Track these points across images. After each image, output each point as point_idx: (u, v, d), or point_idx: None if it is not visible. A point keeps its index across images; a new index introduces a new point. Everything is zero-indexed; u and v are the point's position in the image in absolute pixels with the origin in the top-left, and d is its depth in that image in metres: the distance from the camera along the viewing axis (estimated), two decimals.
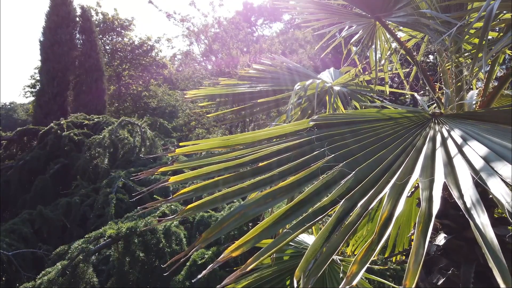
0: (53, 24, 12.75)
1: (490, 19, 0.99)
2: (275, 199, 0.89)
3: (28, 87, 19.57)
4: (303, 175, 0.93)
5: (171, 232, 3.64)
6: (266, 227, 0.82)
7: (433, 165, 0.92)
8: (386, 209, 0.80)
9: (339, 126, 1.16)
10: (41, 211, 5.38)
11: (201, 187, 0.94)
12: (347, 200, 0.84)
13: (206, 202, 0.89)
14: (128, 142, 7.00)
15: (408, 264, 0.66)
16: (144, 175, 1.00)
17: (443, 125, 1.12)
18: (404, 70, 2.22)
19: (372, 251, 0.71)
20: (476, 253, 1.19)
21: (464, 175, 0.83)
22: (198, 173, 0.98)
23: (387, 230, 0.75)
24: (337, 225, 0.79)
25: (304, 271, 0.72)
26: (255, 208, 0.86)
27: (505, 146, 0.87)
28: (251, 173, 0.96)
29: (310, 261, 0.73)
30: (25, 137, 8.24)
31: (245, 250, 0.78)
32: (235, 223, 0.85)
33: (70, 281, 3.19)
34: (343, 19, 1.98)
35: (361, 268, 0.69)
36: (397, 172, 0.92)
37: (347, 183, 0.89)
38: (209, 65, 13.20)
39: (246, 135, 1.12)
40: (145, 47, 19.26)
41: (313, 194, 0.88)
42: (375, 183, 0.89)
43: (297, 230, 0.79)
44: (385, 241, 0.73)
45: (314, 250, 0.75)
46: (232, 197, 0.90)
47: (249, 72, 2.34)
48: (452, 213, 1.28)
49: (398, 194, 0.84)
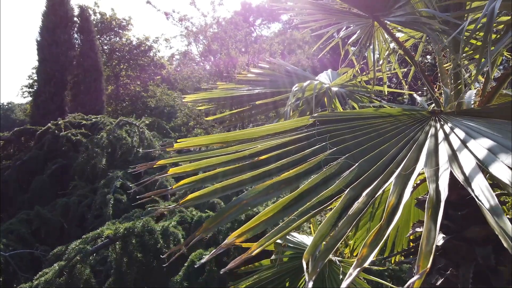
0: (51, 24, 12.71)
1: (492, 19, 0.98)
2: (277, 190, 0.88)
3: (26, 87, 19.53)
4: (306, 167, 0.92)
5: (169, 233, 3.62)
6: (271, 215, 0.81)
7: (437, 156, 0.92)
8: (392, 197, 0.80)
9: (340, 122, 1.16)
10: (38, 211, 5.36)
11: (200, 179, 0.93)
12: (352, 189, 0.84)
13: (205, 193, 0.89)
14: (126, 142, 6.98)
15: (420, 247, 0.66)
16: (142, 168, 1.00)
17: (443, 121, 1.12)
18: (402, 70, 2.23)
19: (381, 236, 0.72)
20: (475, 253, 1.19)
21: (469, 163, 0.84)
22: (198, 166, 0.97)
23: (395, 217, 0.75)
24: (343, 212, 0.79)
25: (313, 254, 0.72)
26: (256, 199, 0.86)
27: (506, 137, 0.88)
28: (251, 166, 0.95)
29: (318, 245, 0.74)
30: (23, 137, 8.20)
31: (249, 237, 0.78)
32: (236, 213, 0.84)
33: (68, 281, 3.18)
34: (341, 19, 1.97)
35: (372, 250, 0.69)
36: (402, 163, 0.92)
37: (352, 173, 0.88)
38: (208, 65, 13.19)
39: (245, 131, 1.12)
40: (143, 47, 19.24)
41: (317, 184, 0.87)
42: (380, 173, 0.89)
43: (302, 218, 0.78)
44: (392, 227, 0.74)
45: (321, 235, 0.76)
46: (231, 189, 0.90)
47: (247, 76, 2.35)
48: (451, 214, 1.28)
49: (404, 183, 0.84)
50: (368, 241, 0.71)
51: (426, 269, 0.62)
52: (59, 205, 5.63)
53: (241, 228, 0.78)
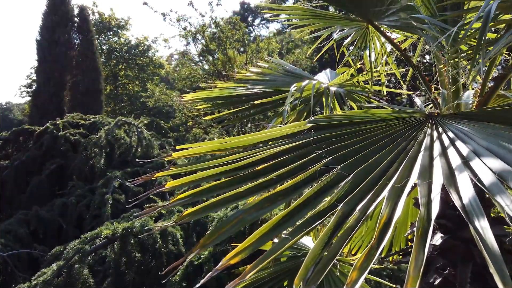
0: (51, 24, 12.67)
1: (488, 20, 0.98)
2: (273, 203, 0.88)
3: (25, 87, 19.45)
4: (301, 178, 0.92)
5: (167, 233, 3.62)
6: (265, 232, 0.81)
7: (431, 168, 0.91)
8: (385, 212, 0.79)
9: (337, 128, 1.16)
10: (36, 211, 5.35)
11: (198, 192, 0.94)
12: (345, 204, 0.84)
13: (199, 210, 0.89)
14: (124, 142, 6.97)
15: (408, 270, 0.65)
16: (140, 180, 1.00)
17: (439, 125, 1.12)
18: (400, 70, 2.23)
19: (372, 257, 0.71)
20: (473, 253, 1.19)
21: (462, 177, 0.83)
22: (195, 178, 0.98)
23: (386, 234, 0.74)
24: (336, 230, 0.79)
25: (304, 278, 0.71)
26: (253, 213, 0.86)
27: (503, 147, 0.87)
28: (248, 177, 0.96)
29: (310, 268, 0.73)
30: (21, 137, 8.16)
31: (244, 257, 0.78)
32: (233, 228, 0.84)
33: (66, 282, 3.17)
34: (334, 23, 1.97)
35: (361, 274, 0.68)
36: (395, 174, 0.91)
37: (345, 187, 0.88)
38: (206, 65, 13.17)
39: (244, 137, 1.12)
40: (142, 47, 19.22)
41: (311, 198, 0.87)
42: (373, 186, 0.88)
43: (296, 236, 0.78)
44: (384, 245, 0.72)
45: (313, 256, 0.75)
46: (227, 203, 0.90)
47: (246, 75, 2.34)
48: (448, 213, 1.28)
49: (396, 196, 0.83)
50: (358, 264, 0.69)
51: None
52: (57, 205, 5.62)
53: (235, 249, 0.78)
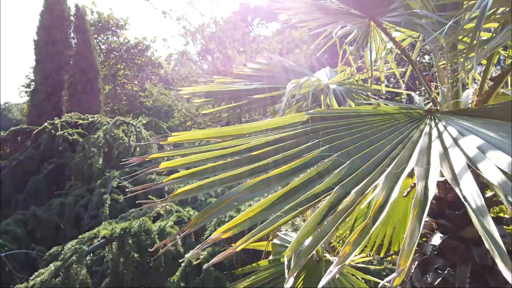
0: (48, 23, 12.62)
1: (483, 17, 0.98)
2: (268, 186, 0.88)
3: (23, 87, 19.38)
4: (298, 163, 0.92)
5: (165, 233, 3.61)
6: (260, 210, 0.81)
7: (429, 155, 0.92)
8: (380, 195, 0.80)
9: (334, 120, 1.15)
10: (34, 211, 5.33)
11: (191, 173, 0.93)
12: (341, 187, 0.84)
13: (194, 188, 0.89)
14: (123, 142, 6.95)
15: (403, 245, 0.66)
16: (136, 160, 0.99)
17: (438, 120, 1.11)
18: (400, 69, 2.22)
19: (365, 234, 0.71)
20: (472, 253, 1.18)
21: (459, 162, 0.83)
22: (190, 160, 0.97)
23: (381, 215, 0.75)
24: (330, 210, 0.79)
25: (296, 251, 0.72)
26: (247, 194, 0.85)
27: (500, 137, 0.87)
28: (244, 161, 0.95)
29: (302, 242, 0.73)
30: (19, 137, 8.15)
31: (235, 232, 0.78)
32: (226, 208, 0.83)
33: (64, 282, 3.15)
34: (338, 18, 1.97)
35: (354, 249, 0.69)
36: (393, 162, 0.91)
37: (342, 172, 0.88)
38: (205, 65, 13.17)
39: (241, 126, 1.11)
40: (141, 47, 19.18)
41: (307, 182, 0.87)
42: (370, 172, 0.88)
43: (289, 215, 0.78)
44: (378, 226, 0.73)
45: (306, 232, 0.75)
46: (220, 184, 0.90)
47: (244, 70, 2.32)
48: (448, 213, 1.27)
49: (393, 182, 0.84)
50: (352, 239, 0.71)
51: (406, 267, 0.62)
52: (55, 205, 5.60)
53: (227, 224, 0.78)
